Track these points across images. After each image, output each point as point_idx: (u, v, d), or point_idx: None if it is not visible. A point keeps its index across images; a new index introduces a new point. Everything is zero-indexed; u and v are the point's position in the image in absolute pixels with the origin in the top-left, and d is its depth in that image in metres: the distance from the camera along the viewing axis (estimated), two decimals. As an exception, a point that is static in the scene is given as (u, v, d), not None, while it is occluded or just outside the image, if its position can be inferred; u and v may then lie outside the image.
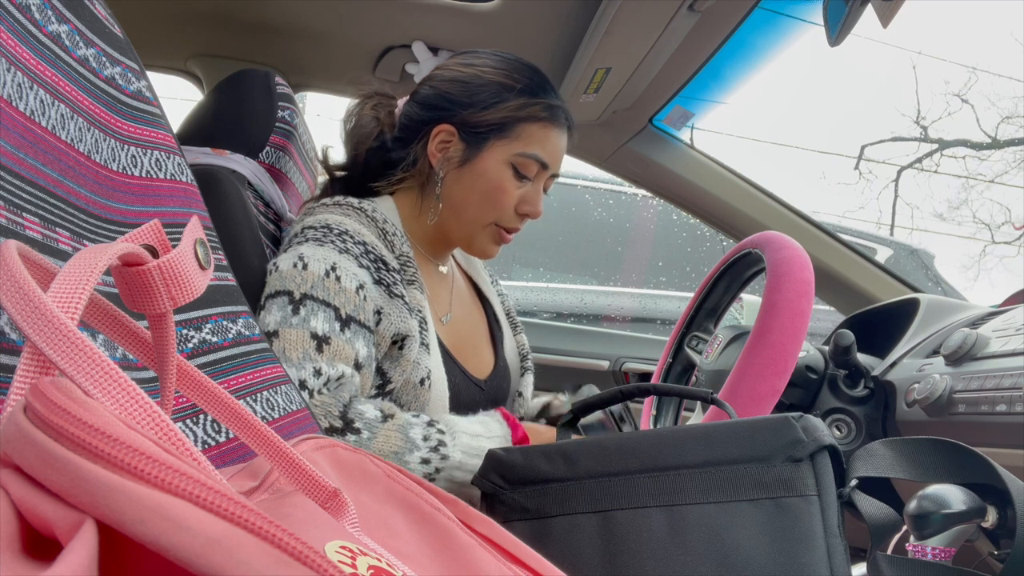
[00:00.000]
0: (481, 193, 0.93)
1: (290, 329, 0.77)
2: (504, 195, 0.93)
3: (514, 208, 0.94)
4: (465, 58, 0.96)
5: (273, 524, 0.18)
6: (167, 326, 0.31)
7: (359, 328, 0.81)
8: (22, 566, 0.18)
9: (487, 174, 0.92)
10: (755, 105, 14.14)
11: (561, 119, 0.94)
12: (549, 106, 0.93)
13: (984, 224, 10.23)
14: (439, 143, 0.94)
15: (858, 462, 0.57)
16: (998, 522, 0.50)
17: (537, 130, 0.92)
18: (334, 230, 0.85)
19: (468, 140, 0.92)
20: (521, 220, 0.96)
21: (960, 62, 16.59)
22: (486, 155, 0.92)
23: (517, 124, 0.92)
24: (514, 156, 0.92)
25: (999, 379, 0.75)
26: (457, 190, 0.94)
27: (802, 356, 0.97)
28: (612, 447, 0.59)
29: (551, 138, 0.94)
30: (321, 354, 0.76)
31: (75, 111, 0.43)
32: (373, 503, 0.38)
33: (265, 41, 1.35)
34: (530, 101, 0.92)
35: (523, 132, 0.92)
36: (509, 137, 0.92)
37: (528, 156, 0.92)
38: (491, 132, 0.92)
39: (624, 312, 2.91)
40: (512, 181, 0.93)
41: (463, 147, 0.93)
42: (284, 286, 0.80)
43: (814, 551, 0.52)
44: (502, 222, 0.95)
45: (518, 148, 0.92)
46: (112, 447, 0.18)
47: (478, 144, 0.92)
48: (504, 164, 0.92)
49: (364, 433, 0.74)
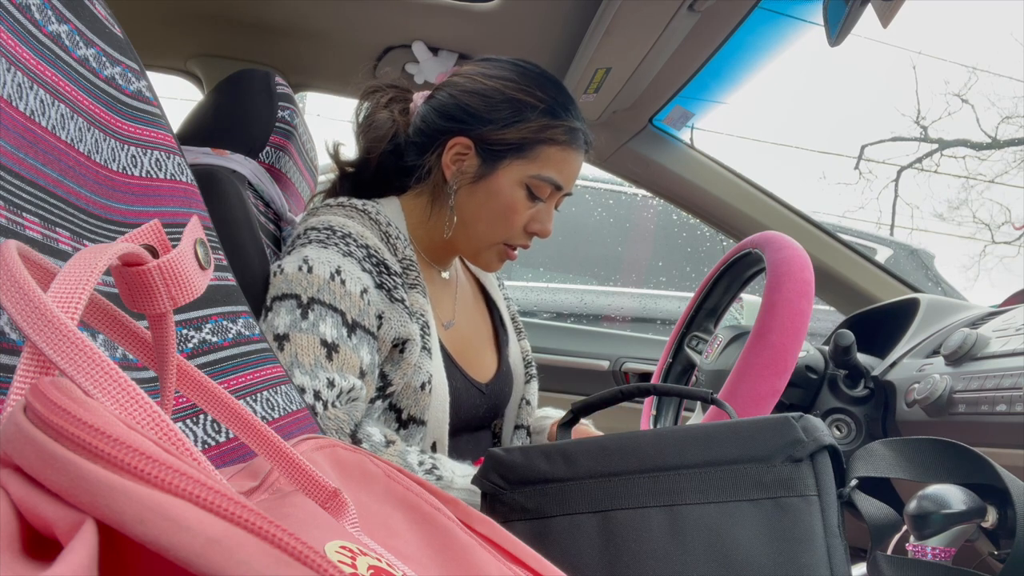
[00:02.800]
0: (492, 212, 0.92)
1: (300, 334, 0.77)
2: (515, 215, 0.92)
3: (524, 227, 0.94)
4: (487, 68, 0.94)
5: (273, 524, 0.18)
6: (167, 326, 0.31)
7: (364, 334, 0.81)
8: (22, 566, 0.18)
9: (501, 193, 0.91)
10: (755, 105, 14.16)
11: (580, 142, 0.93)
12: (570, 129, 0.91)
13: (984, 224, 10.24)
14: (454, 155, 0.92)
15: (858, 462, 0.57)
16: (998, 522, 0.50)
17: (555, 152, 0.91)
18: (337, 232, 0.85)
19: (484, 156, 0.91)
20: (529, 238, 0.95)
21: (960, 62, 16.60)
22: (501, 174, 0.91)
23: (536, 146, 0.90)
24: (530, 178, 0.91)
25: (999, 379, 0.75)
26: (468, 205, 0.93)
27: (802, 356, 0.97)
28: (612, 447, 0.59)
29: (569, 161, 0.92)
30: (331, 363, 0.77)
31: (75, 111, 0.43)
32: (373, 503, 0.38)
33: (265, 41, 1.35)
34: (551, 123, 0.90)
35: (541, 154, 0.90)
36: (527, 158, 0.90)
37: (544, 179, 0.91)
38: (508, 151, 0.90)
39: (624, 312, 2.91)
40: (525, 202, 0.92)
41: (478, 162, 0.91)
42: (291, 289, 0.80)
43: (814, 551, 0.52)
44: (511, 240, 0.94)
45: (534, 170, 0.91)
46: (112, 447, 0.18)
47: (494, 161, 0.91)
48: (518, 185, 0.91)
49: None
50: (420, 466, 0.77)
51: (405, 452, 0.78)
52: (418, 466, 0.76)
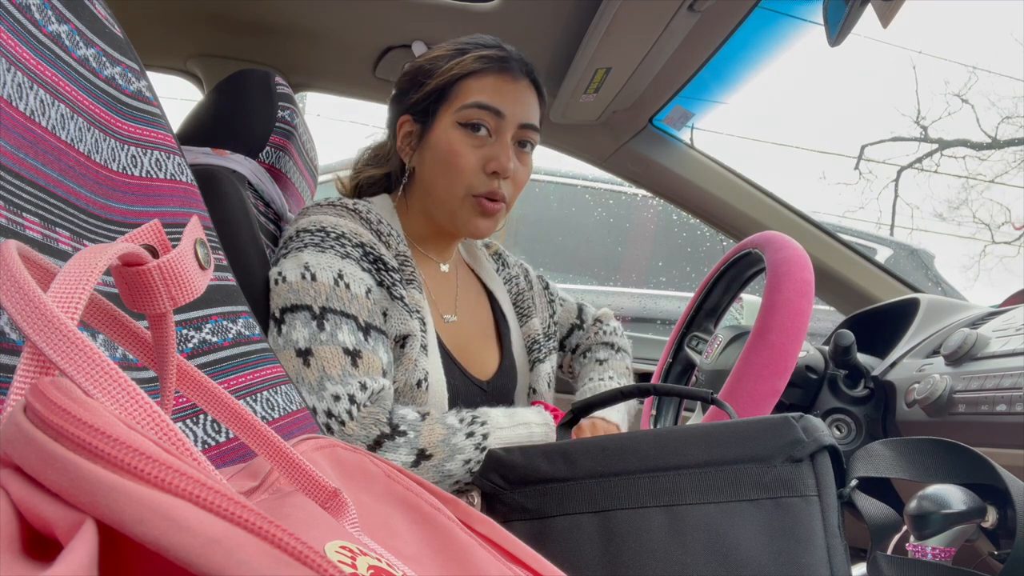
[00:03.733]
0: (440, 164, 0.90)
1: (322, 347, 0.77)
2: (459, 157, 0.89)
3: (481, 169, 0.90)
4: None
5: (273, 524, 0.18)
6: (167, 326, 0.31)
7: (378, 334, 0.82)
8: (22, 566, 0.18)
9: (440, 143, 0.91)
10: (756, 105, 14.15)
11: (504, 66, 0.91)
12: (480, 56, 0.90)
13: (984, 224, 10.23)
14: (403, 135, 0.95)
15: (858, 462, 0.57)
16: (998, 522, 0.50)
17: (474, 83, 0.90)
18: (331, 234, 0.85)
19: (420, 119, 0.93)
20: (494, 181, 0.90)
21: (960, 62, 16.57)
22: (436, 126, 0.92)
23: (454, 84, 0.90)
24: (457, 113, 0.90)
25: (999, 379, 0.75)
26: (423, 171, 0.94)
27: (802, 356, 0.97)
28: (612, 447, 0.59)
29: (495, 85, 0.90)
30: (358, 369, 0.77)
31: (75, 111, 0.43)
32: (373, 503, 0.38)
33: (265, 41, 1.35)
34: (460, 60, 0.90)
35: (461, 90, 0.90)
36: (449, 99, 0.91)
37: (469, 106, 0.89)
38: (433, 102, 0.91)
39: (624, 312, 2.91)
40: (464, 141, 0.89)
41: (418, 128, 0.94)
42: (300, 300, 0.80)
43: (814, 551, 0.52)
44: (474, 189, 0.90)
45: (458, 104, 0.90)
46: (112, 447, 0.18)
47: (427, 119, 0.93)
48: (452, 127, 0.90)
49: (410, 433, 0.76)
50: (462, 422, 0.79)
51: (443, 416, 0.80)
52: (460, 423, 0.79)
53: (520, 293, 1.11)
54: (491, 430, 0.78)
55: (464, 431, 0.78)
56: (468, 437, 0.77)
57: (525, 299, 1.11)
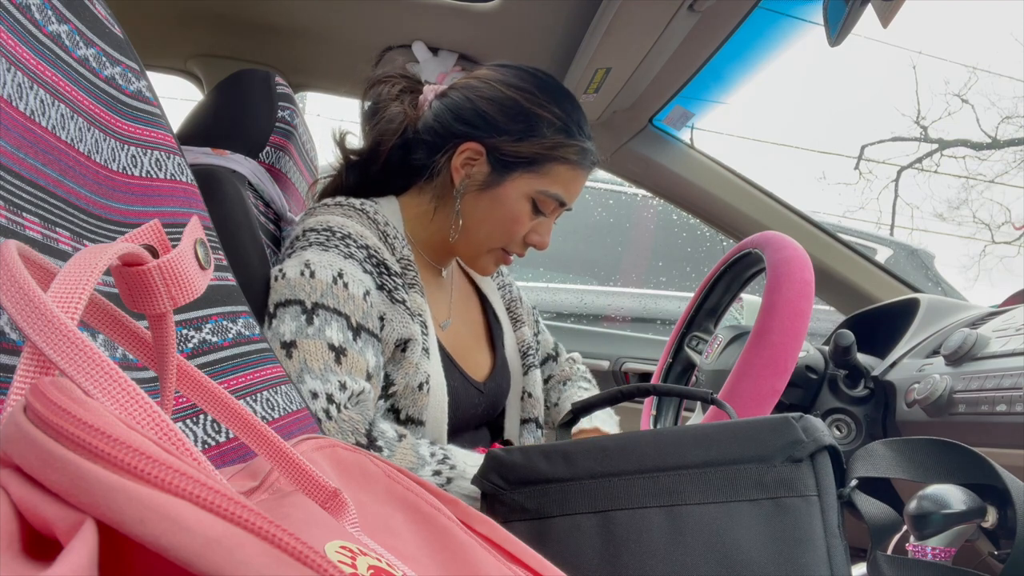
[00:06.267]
0: (496, 220, 0.93)
1: (307, 340, 0.77)
2: (518, 226, 0.93)
3: (523, 238, 0.95)
4: (506, 75, 0.93)
5: (273, 524, 0.18)
6: (167, 326, 0.31)
7: (369, 337, 0.81)
8: (22, 566, 0.18)
9: (506, 204, 0.92)
10: (755, 105, 14.15)
11: (588, 161, 0.94)
12: (582, 149, 0.92)
13: (984, 224, 10.24)
14: (464, 159, 0.92)
15: (858, 462, 0.57)
16: (998, 522, 0.50)
17: (565, 171, 0.92)
18: (337, 233, 0.85)
19: (495, 165, 0.91)
20: (526, 248, 0.97)
21: (960, 62, 16.58)
22: (509, 184, 0.91)
23: (547, 162, 0.91)
24: (537, 193, 0.92)
25: (999, 379, 0.75)
26: (473, 211, 0.93)
27: (802, 356, 0.97)
28: (612, 447, 0.59)
29: (576, 179, 0.94)
30: (340, 366, 0.77)
31: (75, 111, 0.43)
32: (373, 503, 0.38)
33: (265, 41, 1.35)
34: (565, 142, 0.91)
35: (551, 171, 0.92)
36: (536, 173, 0.91)
37: (551, 195, 0.92)
38: (520, 164, 0.91)
39: (624, 312, 2.91)
40: (528, 215, 0.93)
41: (488, 170, 0.92)
42: (294, 295, 0.80)
43: (814, 551, 0.52)
44: (509, 248, 0.96)
45: (543, 186, 0.92)
46: (112, 447, 0.18)
47: (504, 171, 0.91)
48: (525, 198, 0.92)
49: (385, 451, 0.75)
50: (432, 457, 0.77)
51: (417, 445, 0.78)
52: (430, 457, 0.77)
53: (513, 300, 1.15)
54: (456, 476, 0.76)
55: (432, 467, 0.76)
56: (434, 475, 0.76)
57: (517, 307, 1.15)
